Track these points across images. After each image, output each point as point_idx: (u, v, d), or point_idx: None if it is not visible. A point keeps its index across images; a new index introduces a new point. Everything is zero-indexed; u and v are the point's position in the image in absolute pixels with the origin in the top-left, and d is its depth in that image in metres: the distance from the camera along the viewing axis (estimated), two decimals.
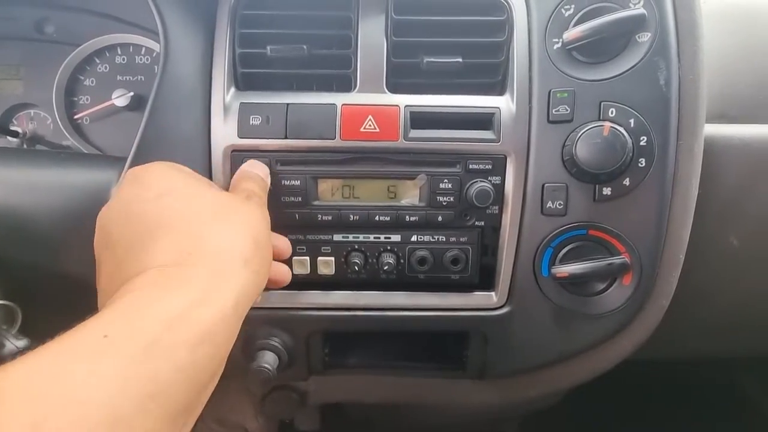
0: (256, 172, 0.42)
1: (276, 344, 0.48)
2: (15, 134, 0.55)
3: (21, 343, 0.37)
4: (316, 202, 0.45)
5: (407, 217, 0.46)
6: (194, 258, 0.30)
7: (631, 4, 0.42)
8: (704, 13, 0.58)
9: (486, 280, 0.49)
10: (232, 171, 0.44)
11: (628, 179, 0.43)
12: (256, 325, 0.49)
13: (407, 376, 0.55)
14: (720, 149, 0.49)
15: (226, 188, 0.43)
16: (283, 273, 0.41)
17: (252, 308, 0.48)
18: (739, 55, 0.59)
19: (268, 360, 0.47)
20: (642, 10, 0.41)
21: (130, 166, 0.43)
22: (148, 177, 0.35)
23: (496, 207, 0.46)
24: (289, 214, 0.45)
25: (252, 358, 0.48)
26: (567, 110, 0.43)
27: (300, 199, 0.45)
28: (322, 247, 0.47)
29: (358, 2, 0.45)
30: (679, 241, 0.45)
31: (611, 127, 0.41)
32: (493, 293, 0.48)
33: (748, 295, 0.56)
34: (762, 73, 0.58)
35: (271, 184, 0.44)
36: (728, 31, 0.60)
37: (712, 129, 0.49)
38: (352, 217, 0.46)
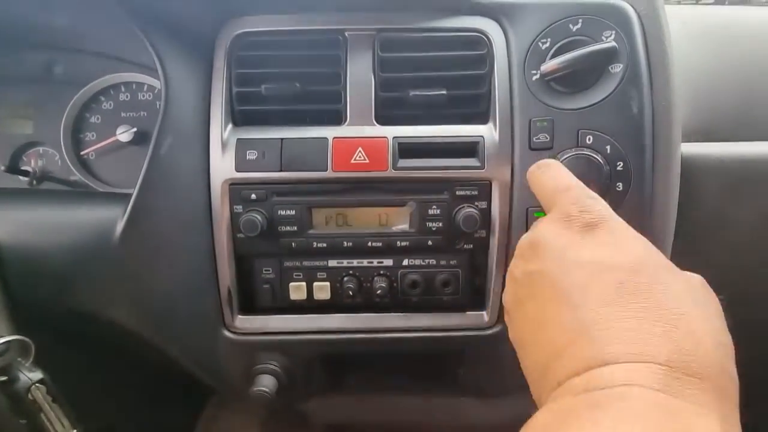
0: (566, 178, 0.35)
1: (275, 368, 0.50)
2: (26, 173, 0.57)
3: (35, 375, 0.39)
4: (311, 231, 0.48)
5: (398, 242, 0.48)
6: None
7: (603, 38, 0.45)
8: (687, 34, 0.61)
9: (477, 301, 0.50)
10: (231, 203, 0.46)
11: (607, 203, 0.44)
12: (255, 350, 0.50)
13: (405, 396, 0.56)
14: (698, 168, 0.51)
15: (229, 219, 0.45)
16: None
17: (250, 333, 0.50)
18: (721, 74, 0.61)
19: (268, 383, 0.49)
20: (613, 44, 0.44)
21: (135, 203, 0.45)
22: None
23: (484, 231, 0.47)
24: (286, 242, 0.47)
25: (251, 383, 0.49)
26: (547, 138, 0.45)
27: (296, 228, 0.47)
28: (318, 273, 0.49)
29: (347, 41, 0.48)
30: None
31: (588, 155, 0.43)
32: (484, 313, 0.50)
33: (735, 309, 0.57)
34: (744, 90, 0.60)
35: (268, 214, 0.46)
36: (710, 50, 0.62)
37: (690, 148, 0.51)
38: (345, 243, 0.48)
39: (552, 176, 0.36)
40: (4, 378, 0.40)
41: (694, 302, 0.27)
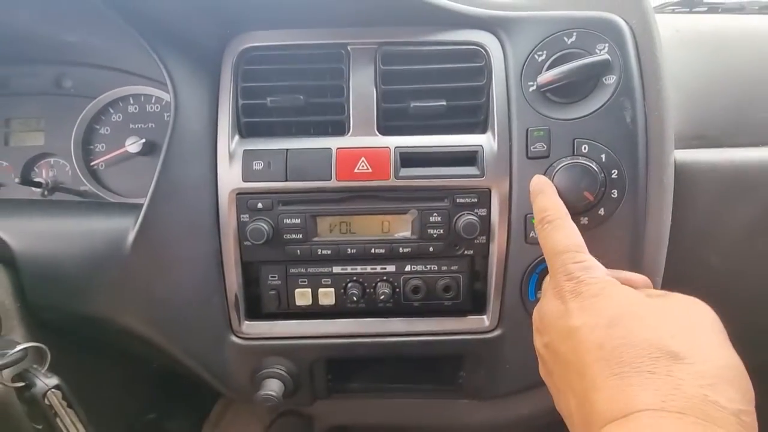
0: (561, 241, 0.38)
1: (281, 372, 0.51)
2: (38, 185, 0.59)
3: (51, 381, 0.40)
4: (315, 238, 0.49)
5: (401, 248, 0.49)
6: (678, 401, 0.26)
7: (597, 50, 0.46)
8: (681, 41, 0.62)
9: (478, 305, 0.52)
10: (238, 212, 0.48)
11: (602, 209, 0.46)
12: (262, 355, 0.52)
13: (407, 399, 0.57)
14: (692, 174, 0.52)
15: (236, 228, 0.46)
16: None
17: (257, 339, 0.51)
18: (714, 80, 0.62)
19: (274, 387, 0.50)
20: (606, 56, 0.45)
21: (146, 213, 0.46)
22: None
23: (484, 237, 0.49)
24: (291, 249, 0.49)
25: (258, 386, 0.50)
26: (544, 147, 0.47)
27: (301, 236, 0.49)
28: (323, 279, 0.50)
29: (349, 55, 0.49)
30: (655, 264, 0.48)
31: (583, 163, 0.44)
32: (484, 317, 0.51)
33: (731, 313, 0.58)
34: (736, 96, 0.61)
35: (273, 222, 0.48)
36: (704, 58, 0.63)
37: (683, 155, 0.52)
38: (349, 250, 0.49)
39: (550, 239, 0.39)
40: (21, 384, 0.41)
41: (673, 337, 0.29)
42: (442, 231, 0.48)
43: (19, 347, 0.41)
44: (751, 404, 0.28)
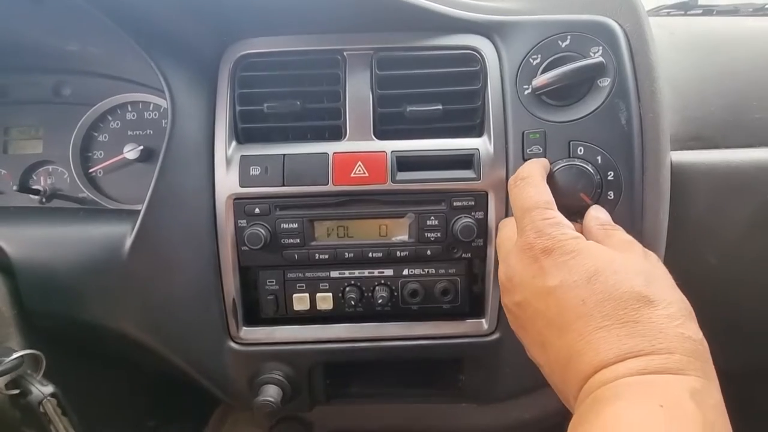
0: (532, 197, 0.39)
1: (279, 377, 0.51)
2: (36, 192, 0.59)
3: (46, 389, 0.40)
4: (313, 243, 0.49)
5: (398, 252, 0.49)
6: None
7: (591, 53, 0.46)
8: (676, 44, 0.62)
9: (476, 308, 0.52)
10: (235, 217, 0.48)
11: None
12: (260, 360, 0.52)
13: (407, 403, 0.57)
14: (688, 175, 0.52)
15: (234, 233, 0.47)
16: None
17: (255, 344, 0.51)
18: (710, 82, 0.62)
19: (272, 393, 0.50)
20: (600, 59, 0.46)
21: (144, 219, 0.47)
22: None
23: (481, 240, 0.49)
24: (289, 254, 0.49)
25: (256, 392, 0.50)
26: (540, 149, 0.47)
27: (298, 240, 0.49)
28: (320, 284, 0.50)
29: (345, 61, 0.50)
30: None
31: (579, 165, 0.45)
32: (483, 320, 0.51)
33: (730, 313, 0.58)
34: (732, 97, 0.61)
35: (271, 227, 0.48)
36: (699, 60, 0.64)
37: (679, 156, 0.53)
38: (347, 254, 0.49)
39: (520, 195, 0.40)
40: (16, 391, 0.41)
41: (646, 286, 0.32)
42: (439, 234, 0.48)
43: (15, 355, 0.41)
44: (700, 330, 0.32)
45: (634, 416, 0.27)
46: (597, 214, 0.41)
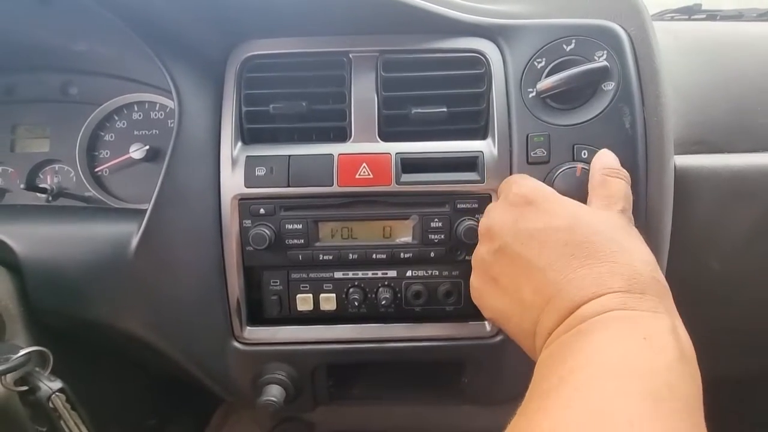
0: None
1: (282, 377, 0.51)
2: (43, 190, 0.60)
3: (54, 384, 0.40)
4: (317, 244, 0.49)
5: (402, 254, 0.49)
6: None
7: (595, 57, 0.47)
8: (679, 48, 0.62)
9: (479, 311, 0.52)
10: (240, 217, 0.48)
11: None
12: (263, 360, 0.52)
13: (409, 405, 0.57)
14: (691, 179, 0.53)
15: (239, 233, 0.47)
16: None
17: (259, 344, 0.52)
18: (714, 86, 0.62)
19: (275, 393, 0.50)
20: (605, 63, 0.46)
21: (150, 218, 0.47)
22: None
23: None
24: (293, 254, 0.49)
25: (259, 392, 0.50)
26: (544, 153, 0.47)
27: (303, 241, 0.49)
28: (324, 285, 0.51)
29: (351, 62, 0.50)
30: None
31: (583, 167, 0.45)
32: (486, 323, 0.51)
33: (732, 318, 0.58)
34: (736, 101, 0.61)
35: (275, 227, 0.48)
36: (703, 64, 0.64)
37: (683, 160, 0.53)
38: (351, 255, 0.49)
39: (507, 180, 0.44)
40: (25, 388, 0.42)
41: (622, 236, 0.35)
42: (443, 236, 0.49)
43: (22, 351, 0.41)
44: None
45: (621, 346, 0.29)
46: (602, 158, 0.43)
